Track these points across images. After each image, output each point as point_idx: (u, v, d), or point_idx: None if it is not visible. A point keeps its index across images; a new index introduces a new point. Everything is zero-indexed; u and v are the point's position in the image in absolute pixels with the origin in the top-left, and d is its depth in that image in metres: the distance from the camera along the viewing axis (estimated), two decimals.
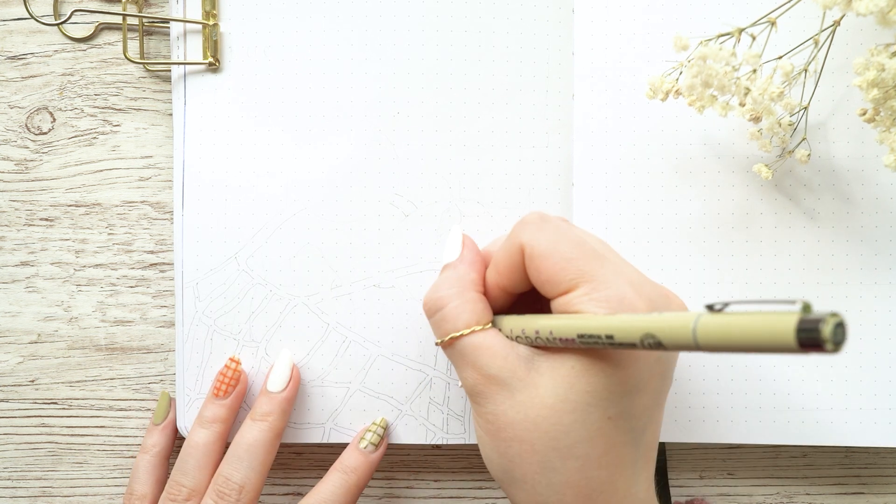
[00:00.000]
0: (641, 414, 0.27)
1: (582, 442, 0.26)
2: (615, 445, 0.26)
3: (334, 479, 0.34)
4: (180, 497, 0.33)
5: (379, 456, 0.35)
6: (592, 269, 0.26)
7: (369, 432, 0.35)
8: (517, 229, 0.28)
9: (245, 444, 0.33)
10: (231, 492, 0.32)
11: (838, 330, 0.18)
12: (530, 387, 0.26)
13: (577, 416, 0.26)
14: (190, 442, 0.34)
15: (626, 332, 0.23)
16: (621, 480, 0.27)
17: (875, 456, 0.38)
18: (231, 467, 0.33)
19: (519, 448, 0.26)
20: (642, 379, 0.26)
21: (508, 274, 0.29)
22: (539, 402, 0.26)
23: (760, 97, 0.31)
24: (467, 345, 0.28)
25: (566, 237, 0.27)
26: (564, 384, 0.26)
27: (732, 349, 0.20)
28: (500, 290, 0.30)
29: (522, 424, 0.26)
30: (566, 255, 0.26)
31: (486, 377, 0.27)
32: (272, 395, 0.34)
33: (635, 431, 0.27)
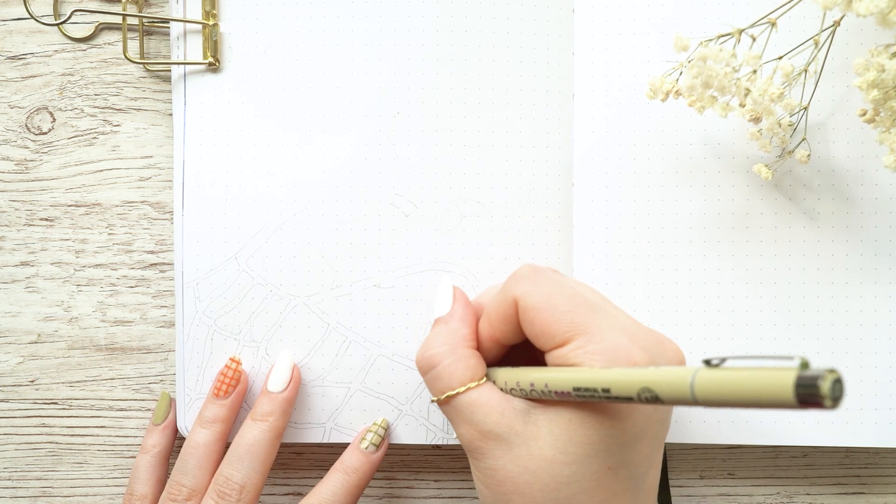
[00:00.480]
0: (641, 461, 0.27)
1: (582, 493, 0.26)
2: (615, 494, 0.26)
3: (335, 479, 0.34)
4: (180, 497, 0.33)
5: (380, 456, 0.35)
6: (587, 322, 0.26)
7: (370, 433, 0.35)
8: (510, 283, 0.28)
9: (246, 444, 0.33)
10: (232, 492, 0.32)
11: (836, 386, 0.18)
12: (528, 440, 0.26)
13: (577, 468, 0.26)
14: (190, 442, 0.34)
15: (623, 386, 0.23)
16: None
17: (875, 456, 0.38)
18: (232, 467, 0.33)
19: (520, 501, 0.26)
20: (641, 429, 0.26)
21: (501, 326, 0.29)
22: (538, 454, 0.26)
23: (760, 98, 0.31)
24: (462, 402, 0.28)
25: (560, 290, 0.27)
26: (563, 436, 0.26)
27: (730, 405, 0.20)
28: (492, 342, 0.30)
29: (522, 478, 0.26)
30: (560, 308, 0.27)
31: (482, 433, 0.27)
32: (273, 395, 0.34)
33: (635, 478, 0.27)
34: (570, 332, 0.26)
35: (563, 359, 0.26)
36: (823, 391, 0.18)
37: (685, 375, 0.21)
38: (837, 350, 0.36)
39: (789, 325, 0.36)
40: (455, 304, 0.31)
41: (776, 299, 0.36)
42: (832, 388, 0.18)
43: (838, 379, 0.18)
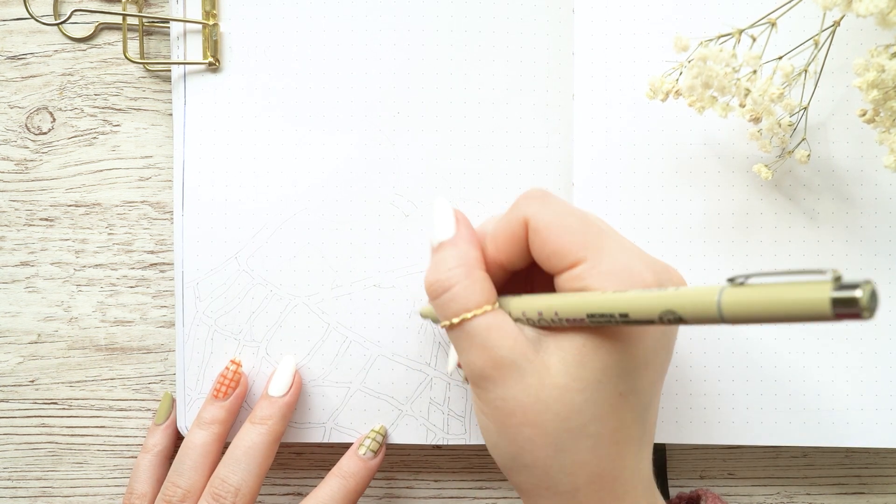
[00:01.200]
0: (648, 389, 0.27)
1: (594, 420, 0.25)
2: (625, 423, 0.26)
3: (332, 483, 0.34)
4: (175, 498, 0.33)
5: (377, 463, 0.35)
6: (599, 243, 0.26)
7: (368, 439, 0.35)
8: (521, 203, 0.27)
9: (243, 446, 0.33)
10: (227, 494, 0.32)
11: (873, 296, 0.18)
12: (540, 368, 0.25)
13: (589, 395, 0.25)
14: (188, 443, 0.34)
15: (642, 309, 0.22)
16: (630, 458, 0.26)
17: (875, 456, 0.38)
18: (228, 469, 0.33)
19: (530, 433, 0.26)
20: (649, 353, 0.26)
21: (508, 249, 0.28)
22: (550, 382, 0.25)
23: (760, 98, 0.31)
24: (478, 326, 0.26)
25: (571, 211, 0.27)
26: (575, 363, 0.25)
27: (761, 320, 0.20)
28: (496, 268, 0.29)
29: (534, 407, 0.25)
30: (573, 228, 0.26)
31: (495, 360, 0.26)
32: (273, 399, 0.34)
33: (642, 406, 0.27)
34: (583, 252, 0.25)
35: (574, 280, 0.25)
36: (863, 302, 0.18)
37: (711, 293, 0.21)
38: (837, 350, 0.36)
39: (789, 326, 0.36)
40: (460, 226, 0.29)
41: None
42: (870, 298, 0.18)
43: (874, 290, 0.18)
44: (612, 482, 0.26)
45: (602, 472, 0.26)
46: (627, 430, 0.26)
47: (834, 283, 0.18)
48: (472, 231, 0.29)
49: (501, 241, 0.28)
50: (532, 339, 0.26)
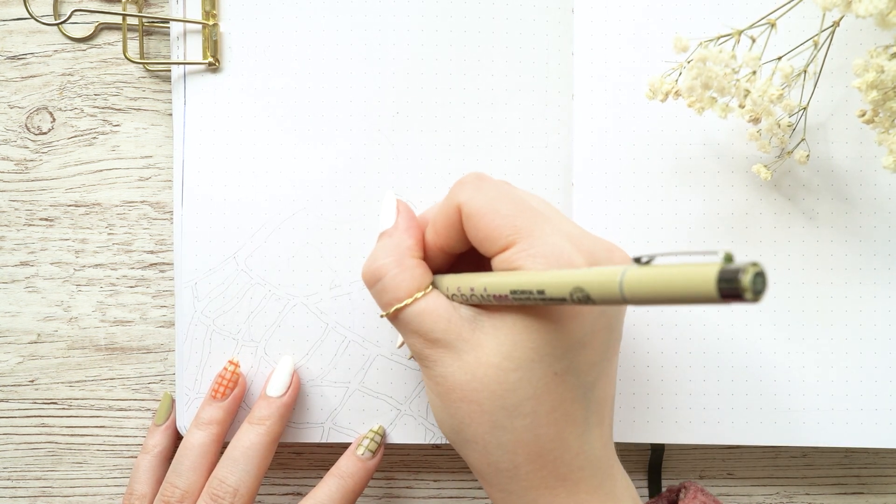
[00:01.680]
0: (589, 369, 0.27)
1: (529, 399, 0.26)
2: (563, 402, 0.26)
3: (331, 483, 0.34)
4: (174, 499, 0.33)
5: (375, 463, 0.35)
6: (530, 226, 0.26)
7: (366, 439, 0.35)
8: (455, 189, 0.28)
9: (242, 447, 0.33)
10: (225, 494, 0.32)
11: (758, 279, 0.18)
12: (475, 347, 0.26)
13: (523, 374, 0.26)
14: (186, 443, 0.34)
15: (555, 286, 0.23)
16: (572, 437, 0.27)
17: (875, 456, 0.38)
18: (226, 470, 0.33)
19: (468, 409, 0.26)
20: (587, 333, 0.26)
21: (446, 234, 0.29)
22: (485, 361, 0.26)
23: (760, 99, 0.31)
24: (411, 313, 0.28)
25: (504, 195, 0.27)
26: (508, 342, 0.26)
27: (657, 301, 0.20)
28: (439, 252, 0.30)
29: (470, 385, 0.26)
30: (503, 213, 0.26)
31: (431, 341, 0.27)
32: (271, 399, 0.34)
33: (584, 387, 0.27)
34: (513, 236, 0.26)
35: (506, 263, 0.26)
36: (745, 284, 0.18)
37: (615, 273, 0.21)
38: (837, 350, 0.36)
39: (789, 325, 0.36)
40: (399, 217, 0.30)
41: (776, 299, 0.36)
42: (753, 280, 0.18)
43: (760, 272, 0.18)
44: (554, 462, 0.26)
45: (541, 452, 0.26)
46: (566, 410, 0.26)
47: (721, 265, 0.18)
48: (412, 220, 0.30)
49: (440, 226, 0.29)
50: (468, 318, 0.27)
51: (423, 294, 0.28)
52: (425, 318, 0.27)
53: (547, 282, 0.23)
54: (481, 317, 0.27)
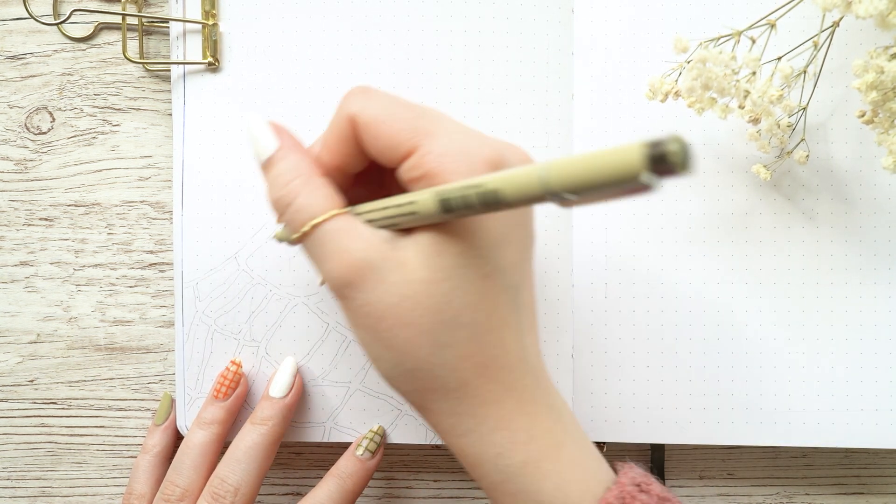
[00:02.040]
0: (513, 270, 0.26)
1: (466, 308, 0.25)
2: (498, 306, 0.25)
3: (330, 484, 0.34)
4: (174, 497, 0.33)
5: (375, 464, 0.35)
6: (430, 127, 0.25)
7: (366, 439, 0.35)
8: (344, 102, 0.26)
9: (244, 447, 0.33)
10: (226, 493, 0.32)
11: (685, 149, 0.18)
12: (400, 265, 0.24)
13: (455, 282, 0.24)
14: (187, 442, 0.34)
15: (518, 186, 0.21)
16: (512, 344, 0.26)
17: (875, 456, 0.39)
18: (228, 469, 0.33)
19: (404, 334, 0.25)
20: (504, 231, 0.25)
21: (341, 150, 0.27)
22: (412, 277, 0.24)
23: (760, 99, 0.31)
24: (328, 231, 0.25)
25: (398, 101, 0.26)
26: (432, 253, 0.24)
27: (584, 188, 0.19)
28: (334, 172, 0.27)
29: (402, 306, 0.24)
30: (401, 116, 0.25)
31: (352, 264, 0.25)
32: (274, 400, 0.34)
33: (512, 289, 0.26)
34: (417, 137, 0.24)
35: (414, 169, 0.25)
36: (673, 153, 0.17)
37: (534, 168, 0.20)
38: (837, 350, 0.36)
39: (789, 325, 0.36)
40: (282, 136, 0.27)
41: (776, 299, 0.36)
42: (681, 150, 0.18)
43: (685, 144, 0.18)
44: (499, 371, 0.26)
45: (487, 362, 0.25)
46: (502, 315, 0.25)
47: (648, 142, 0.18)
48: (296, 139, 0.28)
49: (333, 144, 0.27)
50: (386, 238, 0.25)
51: (340, 212, 0.26)
52: (343, 236, 0.25)
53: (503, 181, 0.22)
54: (398, 236, 0.25)
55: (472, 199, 0.22)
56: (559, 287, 0.36)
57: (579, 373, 0.36)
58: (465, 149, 0.24)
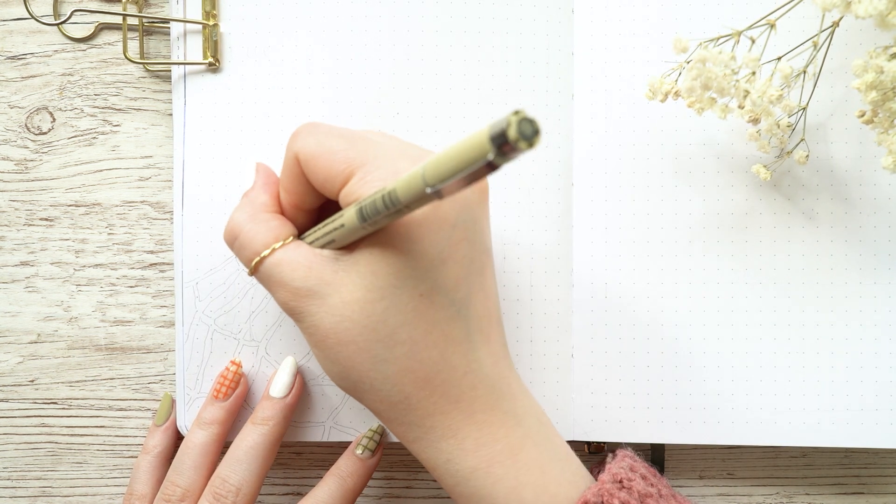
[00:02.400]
0: (457, 286, 0.27)
1: (402, 326, 0.26)
2: (437, 322, 0.26)
3: (330, 483, 0.34)
4: (174, 497, 0.33)
5: (375, 462, 0.35)
6: (363, 155, 0.26)
7: (366, 438, 0.35)
8: (290, 141, 0.28)
9: (245, 447, 0.33)
10: (228, 493, 0.32)
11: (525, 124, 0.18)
12: (338, 288, 0.26)
13: (388, 302, 0.26)
14: (187, 442, 0.34)
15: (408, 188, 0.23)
16: (456, 357, 0.27)
17: (875, 456, 0.39)
18: (229, 469, 0.33)
19: (346, 351, 0.26)
20: (443, 249, 0.26)
21: (294, 188, 0.29)
22: (349, 298, 0.26)
23: (759, 99, 0.31)
24: (271, 264, 0.28)
25: (334, 134, 0.27)
26: (368, 273, 0.26)
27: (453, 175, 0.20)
28: (295, 210, 0.30)
29: (341, 325, 0.26)
30: (335, 149, 0.27)
31: (294, 292, 0.27)
32: (275, 400, 0.34)
33: (456, 305, 0.27)
34: (349, 168, 0.26)
35: (350, 196, 0.26)
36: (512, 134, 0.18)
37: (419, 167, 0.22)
38: (837, 350, 0.36)
39: (789, 325, 0.36)
40: (256, 176, 0.31)
41: (776, 299, 0.36)
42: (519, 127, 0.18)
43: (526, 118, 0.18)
44: (443, 385, 0.27)
45: (428, 376, 0.26)
46: (443, 330, 0.26)
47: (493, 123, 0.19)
48: (269, 177, 0.31)
49: (287, 183, 0.29)
50: (329, 259, 0.27)
51: (282, 244, 0.28)
52: (284, 267, 0.27)
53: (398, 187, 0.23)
54: (342, 257, 0.27)
55: (378, 203, 0.24)
56: (559, 287, 0.36)
57: (579, 373, 0.36)
58: (393, 174, 0.25)
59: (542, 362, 0.36)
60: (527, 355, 0.36)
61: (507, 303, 0.36)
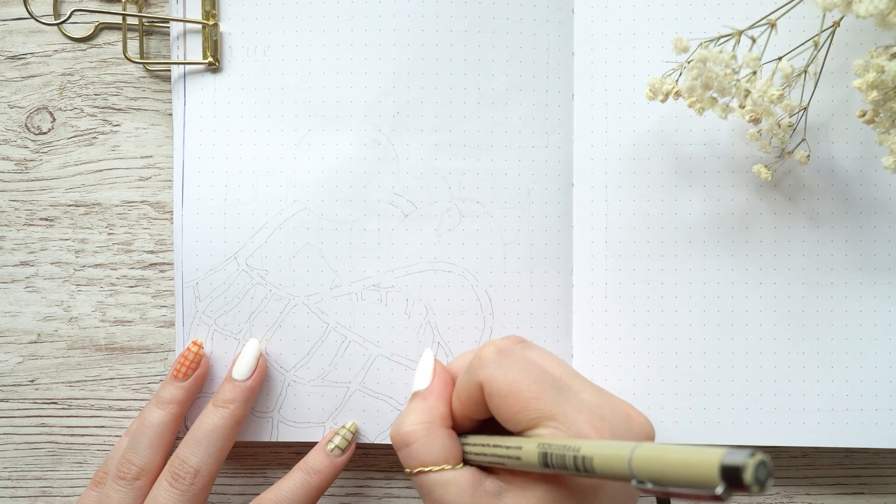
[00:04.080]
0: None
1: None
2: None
3: (296, 477, 0.34)
4: (130, 475, 0.33)
5: (344, 460, 0.35)
6: (552, 409, 0.26)
7: (338, 436, 0.35)
8: (475, 366, 0.29)
9: (205, 429, 0.33)
10: (186, 474, 0.32)
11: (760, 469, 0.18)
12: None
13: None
14: (144, 421, 0.34)
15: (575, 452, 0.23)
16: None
17: (875, 456, 0.39)
18: (188, 450, 0.33)
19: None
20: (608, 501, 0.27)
21: (470, 406, 0.29)
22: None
23: (760, 99, 0.31)
24: (434, 481, 0.28)
25: (525, 373, 0.27)
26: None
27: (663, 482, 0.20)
28: (465, 418, 0.30)
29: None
30: (525, 395, 0.27)
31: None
32: (237, 383, 0.34)
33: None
34: (537, 419, 0.26)
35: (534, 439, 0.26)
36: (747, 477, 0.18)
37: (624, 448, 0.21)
38: (837, 350, 0.36)
39: (789, 326, 0.36)
40: (434, 380, 0.31)
41: (776, 299, 0.36)
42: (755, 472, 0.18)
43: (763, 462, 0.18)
44: None
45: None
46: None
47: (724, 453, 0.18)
48: (447, 386, 0.31)
49: (464, 399, 0.29)
50: (492, 493, 0.27)
51: (451, 468, 0.28)
52: (450, 489, 0.28)
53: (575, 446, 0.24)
54: (506, 493, 0.27)
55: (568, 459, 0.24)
56: (559, 287, 0.36)
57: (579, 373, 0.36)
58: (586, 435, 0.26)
59: None
60: None
61: (507, 303, 0.36)
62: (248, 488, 0.39)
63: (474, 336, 0.36)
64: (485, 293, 0.36)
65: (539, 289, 0.36)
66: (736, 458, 0.18)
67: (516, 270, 0.36)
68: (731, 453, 0.18)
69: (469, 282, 0.36)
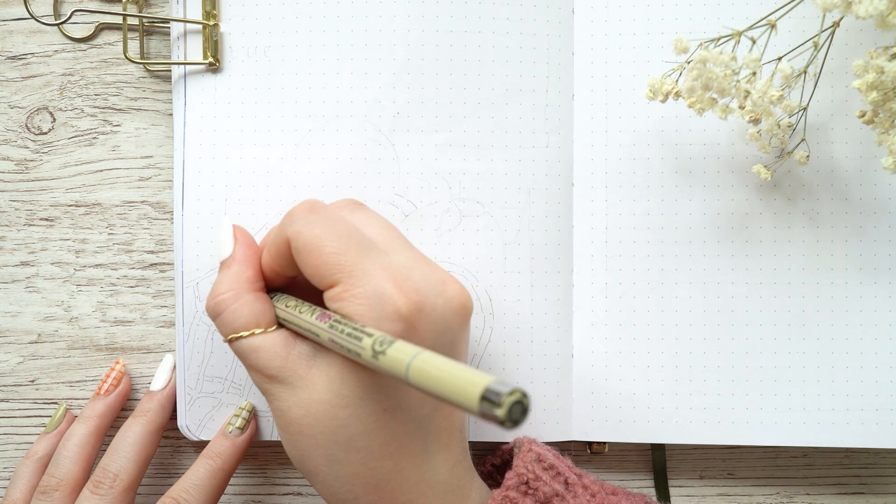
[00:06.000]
0: (422, 403, 0.27)
1: (361, 435, 0.27)
2: (396, 436, 0.27)
3: (200, 465, 0.34)
4: (49, 486, 0.33)
5: (245, 440, 0.35)
6: (353, 265, 0.27)
7: (235, 417, 0.36)
8: (285, 221, 0.29)
9: (123, 437, 0.34)
10: (105, 479, 0.33)
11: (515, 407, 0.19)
12: (308, 384, 0.27)
13: (352, 411, 0.27)
14: (67, 436, 0.35)
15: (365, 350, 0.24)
16: (410, 468, 0.27)
17: (875, 456, 0.39)
18: (108, 459, 0.34)
19: (306, 442, 0.27)
20: None
21: (280, 262, 0.29)
22: (316, 398, 0.27)
23: (760, 100, 0.31)
24: (248, 346, 0.29)
25: (332, 230, 0.27)
26: (337, 380, 0.27)
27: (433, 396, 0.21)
28: (275, 274, 0.30)
29: (305, 420, 0.27)
30: (328, 250, 0.27)
31: (268, 377, 0.28)
32: (153, 393, 0.36)
33: (418, 420, 0.28)
34: (337, 275, 0.27)
35: (332, 301, 0.27)
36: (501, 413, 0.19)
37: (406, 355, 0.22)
38: (837, 350, 0.36)
39: (789, 325, 0.36)
40: (236, 246, 0.31)
41: (776, 299, 0.36)
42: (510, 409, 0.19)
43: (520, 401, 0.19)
44: (392, 492, 0.27)
45: (378, 483, 0.27)
46: (401, 443, 0.27)
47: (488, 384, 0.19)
48: (250, 247, 0.31)
49: (273, 255, 0.30)
50: (306, 355, 0.28)
51: (263, 331, 0.29)
52: (261, 354, 0.28)
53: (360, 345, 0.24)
54: (319, 355, 0.28)
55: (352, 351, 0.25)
56: (559, 287, 0.36)
57: (579, 373, 0.36)
58: (380, 296, 0.26)
59: (542, 362, 0.36)
60: (527, 355, 0.36)
61: (507, 303, 0.36)
62: (248, 488, 0.39)
63: (474, 336, 0.36)
64: (485, 293, 0.36)
65: (539, 289, 0.36)
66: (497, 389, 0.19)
67: (516, 270, 0.36)
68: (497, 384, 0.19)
69: (469, 282, 0.36)
